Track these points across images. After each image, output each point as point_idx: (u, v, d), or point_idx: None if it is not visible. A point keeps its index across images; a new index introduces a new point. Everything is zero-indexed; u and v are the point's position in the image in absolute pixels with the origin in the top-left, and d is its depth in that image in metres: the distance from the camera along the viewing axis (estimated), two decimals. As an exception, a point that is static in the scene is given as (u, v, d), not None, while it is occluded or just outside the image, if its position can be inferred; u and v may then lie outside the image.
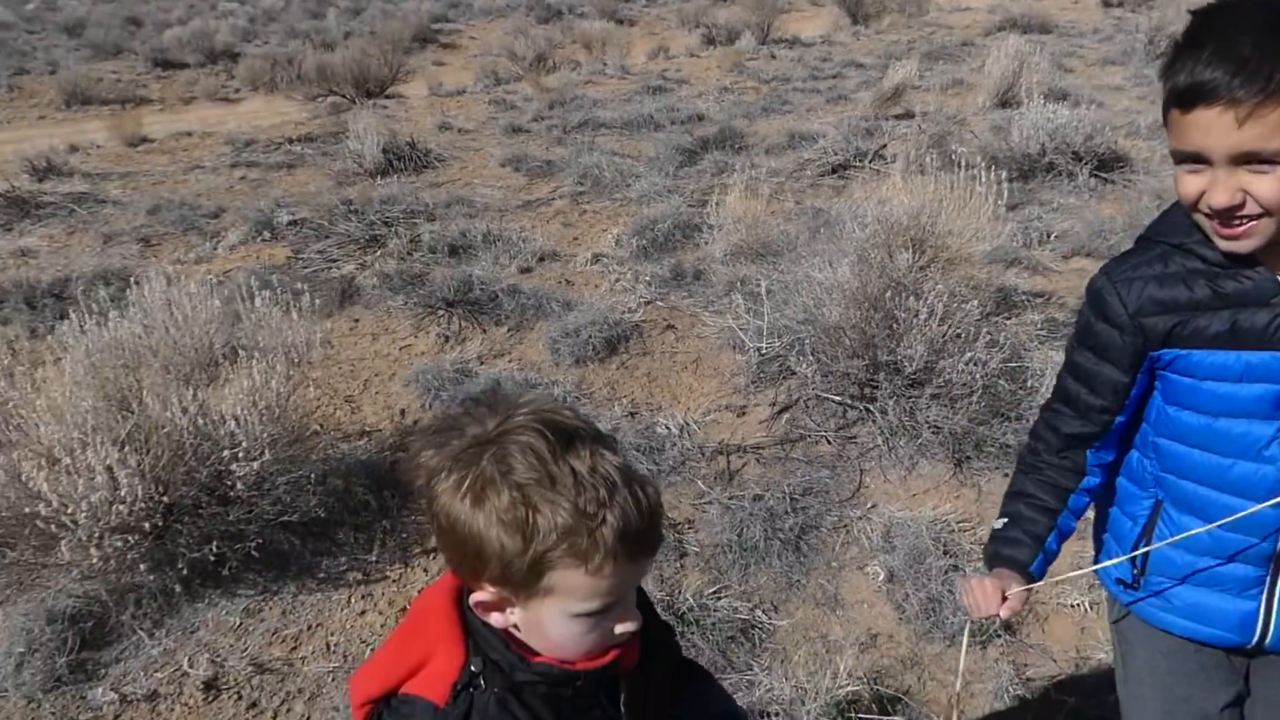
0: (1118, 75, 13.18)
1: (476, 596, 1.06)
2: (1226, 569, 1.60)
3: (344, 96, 14.55)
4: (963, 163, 4.99)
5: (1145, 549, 1.67)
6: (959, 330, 4.10)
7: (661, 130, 11.15)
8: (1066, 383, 1.72)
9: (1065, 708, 2.66)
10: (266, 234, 7.49)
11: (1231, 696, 1.72)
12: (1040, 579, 1.73)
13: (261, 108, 16.95)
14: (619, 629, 1.08)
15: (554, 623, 1.05)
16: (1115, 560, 1.74)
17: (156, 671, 2.97)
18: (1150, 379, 1.62)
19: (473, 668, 1.07)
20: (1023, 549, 1.72)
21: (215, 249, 7.35)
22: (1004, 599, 1.66)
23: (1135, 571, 1.71)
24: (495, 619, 1.08)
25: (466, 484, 1.00)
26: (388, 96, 15.15)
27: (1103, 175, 8.33)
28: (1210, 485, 1.58)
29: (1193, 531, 1.59)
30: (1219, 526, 1.56)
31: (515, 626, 1.09)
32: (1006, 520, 1.77)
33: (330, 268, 6.67)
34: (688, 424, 4.35)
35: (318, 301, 5.56)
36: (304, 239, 7.32)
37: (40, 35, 24.42)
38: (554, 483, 0.97)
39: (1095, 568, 1.78)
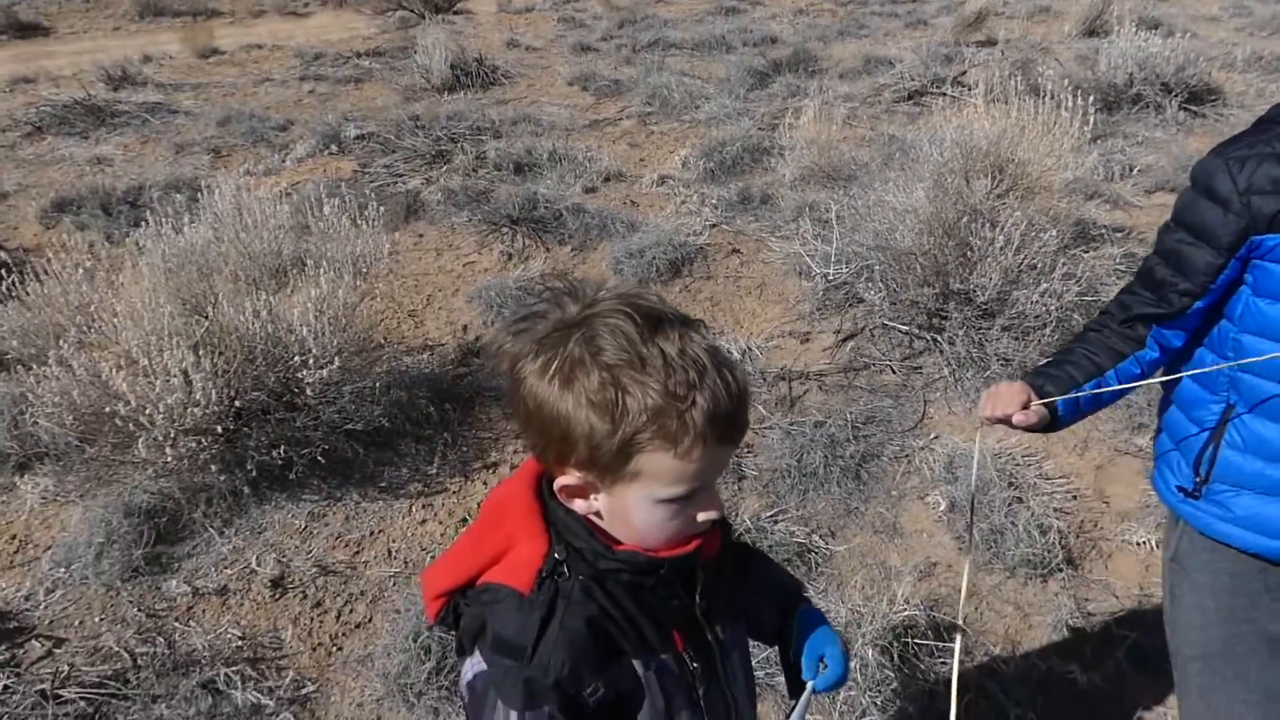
0: (1214, 5, 12.51)
1: (562, 481, 1.04)
2: None
3: (412, 11, 14.43)
4: (1047, 89, 4.78)
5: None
6: (1035, 261, 3.98)
7: (733, 52, 10.90)
8: (1152, 265, 1.67)
9: (1126, 642, 2.62)
10: (334, 148, 7.52)
11: None
12: (1063, 425, 1.72)
13: (330, 22, 16.90)
14: (701, 516, 1.06)
15: (638, 508, 1.03)
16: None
17: (226, 568, 3.07)
18: (1242, 268, 1.56)
19: (557, 555, 1.06)
20: (1056, 383, 1.70)
21: (283, 161, 7.41)
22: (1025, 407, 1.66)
23: (1198, 480, 1.67)
24: (579, 505, 1.06)
25: (554, 365, 0.97)
26: (456, 12, 15.00)
27: (1193, 109, 7.95)
28: None
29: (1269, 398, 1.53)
30: None
31: (598, 514, 1.07)
32: (1051, 360, 1.78)
33: (396, 182, 6.68)
34: (750, 349, 4.31)
35: (383, 213, 5.59)
36: (370, 153, 7.34)
37: (115, -54, 24.52)
38: (644, 364, 0.94)
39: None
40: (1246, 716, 1.70)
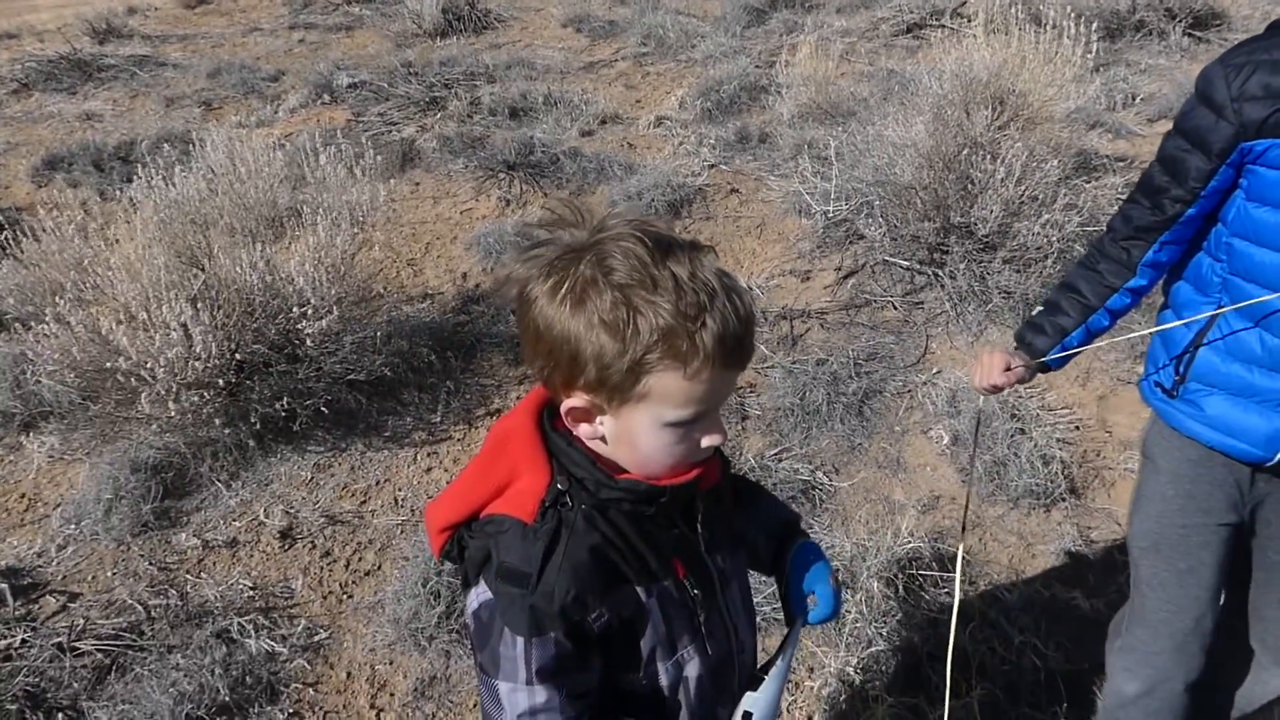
0: (1222, -77, 12.20)
1: (569, 403, 1.04)
2: (1267, 382, 1.59)
3: (400, -45, 14.12)
4: (1049, 17, 4.69)
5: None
6: (1036, 192, 3.94)
7: (728, -13, 10.70)
8: (1152, 171, 1.69)
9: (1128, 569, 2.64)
10: (326, 97, 7.42)
11: (1234, 519, 1.73)
12: (1054, 368, 1.86)
13: (318, -31, 16.58)
14: (706, 441, 1.06)
15: (645, 431, 1.03)
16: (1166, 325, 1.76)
17: (235, 520, 3.09)
18: (1236, 175, 1.57)
19: (559, 485, 1.07)
20: (1043, 338, 1.82)
21: (276, 112, 7.32)
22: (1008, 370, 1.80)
23: (1177, 378, 1.71)
24: (583, 430, 1.07)
25: (565, 286, 0.97)
26: (445, -45, 14.69)
27: (1197, 34, 7.81)
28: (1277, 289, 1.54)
29: (1254, 301, 1.58)
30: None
31: (602, 439, 1.08)
32: (1042, 308, 1.86)
33: (390, 130, 6.61)
34: (751, 288, 4.29)
35: (379, 162, 5.54)
36: (364, 102, 7.25)
37: (95, -104, 24.02)
38: (655, 285, 0.94)
39: (1131, 338, 1.74)
40: (1190, 611, 1.73)
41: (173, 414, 3.02)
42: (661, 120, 6.52)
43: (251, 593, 2.77)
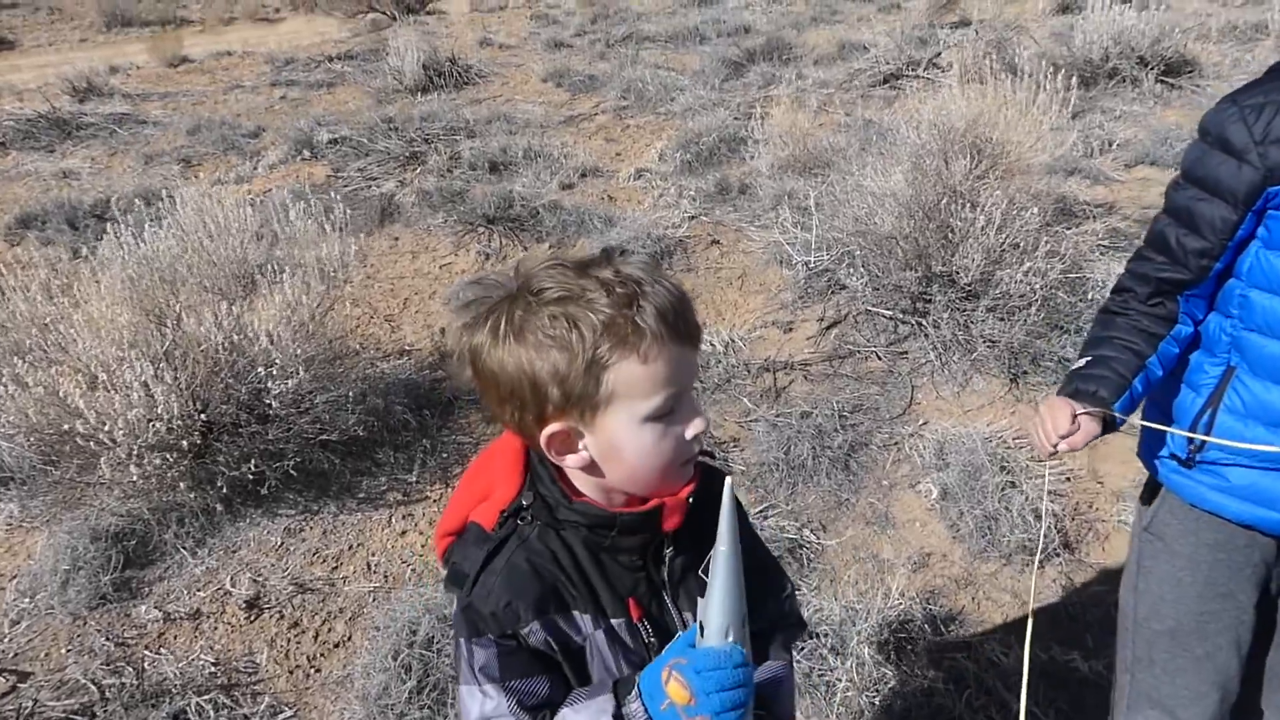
0: (1189, -25, 12.47)
1: (548, 431, 1.03)
2: None
3: (384, 13, 14.29)
4: (1025, 69, 4.70)
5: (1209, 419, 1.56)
6: (1017, 240, 3.90)
7: (707, 43, 10.83)
8: (1163, 227, 1.59)
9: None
10: (306, 153, 7.40)
11: (1257, 596, 1.62)
12: (1123, 421, 1.57)
13: (302, 27, 16.73)
14: (690, 430, 1.05)
15: (626, 436, 1.02)
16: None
17: (199, 590, 2.97)
18: (1257, 221, 1.48)
19: (523, 501, 1.11)
20: (1106, 384, 1.57)
21: (255, 168, 7.28)
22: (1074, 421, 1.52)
23: (1192, 448, 1.58)
24: (570, 460, 1.06)
25: (504, 325, 1.00)
26: (428, 12, 14.87)
27: (1169, 81, 7.91)
28: None
29: None
30: None
31: (593, 465, 1.06)
32: (1089, 359, 1.63)
33: (370, 186, 6.58)
34: (733, 340, 4.23)
35: (357, 217, 5.49)
36: (344, 157, 7.23)
37: (80, -42, 24.22)
38: (584, 290, 0.98)
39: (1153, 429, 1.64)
40: (1211, 697, 1.64)
41: (135, 478, 2.91)
42: (641, 173, 6.51)
43: (213, 669, 2.64)
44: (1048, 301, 3.86)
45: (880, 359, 4.00)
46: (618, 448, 1.03)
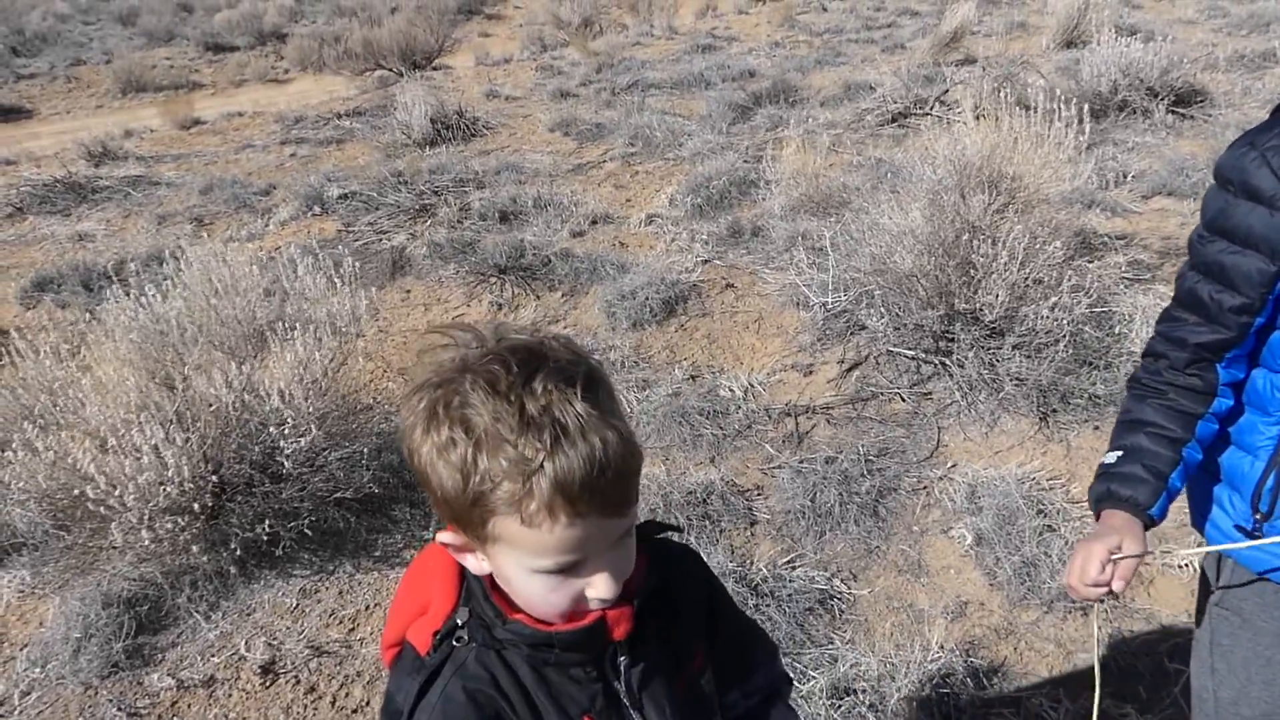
0: (1190, 8, 12.54)
1: (442, 538, 0.96)
2: None
3: (391, 70, 14.45)
4: (1037, 100, 4.67)
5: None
6: (1040, 275, 3.83)
7: (712, 88, 10.87)
8: (1193, 285, 1.46)
9: (1182, 678, 2.42)
10: (317, 209, 7.42)
11: None
12: (1160, 522, 1.46)
13: (311, 87, 16.94)
14: (590, 593, 0.94)
15: (515, 575, 0.93)
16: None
17: (213, 656, 2.88)
18: None
19: (458, 619, 1.00)
20: (1143, 487, 1.45)
21: (266, 225, 7.30)
22: (1110, 563, 1.39)
23: (1258, 517, 1.46)
24: (471, 564, 0.97)
25: (420, 411, 0.89)
26: (435, 68, 15.03)
27: (1180, 111, 7.88)
28: None
29: None
30: None
31: (491, 575, 0.98)
32: (1121, 453, 1.50)
33: (381, 239, 6.56)
34: (752, 385, 4.15)
35: (369, 271, 5.46)
36: (354, 212, 7.23)
37: (96, 25, 24.71)
38: (497, 419, 0.85)
39: (1216, 551, 1.53)
40: None
41: (147, 542, 2.84)
42: (652, 218, 6.49)
43: (227, 739, 2.55)
44: (1075, 337, 3.78)
45: (904, 400, 3.91)
46: (509, 580, 0.95)
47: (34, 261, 6.94)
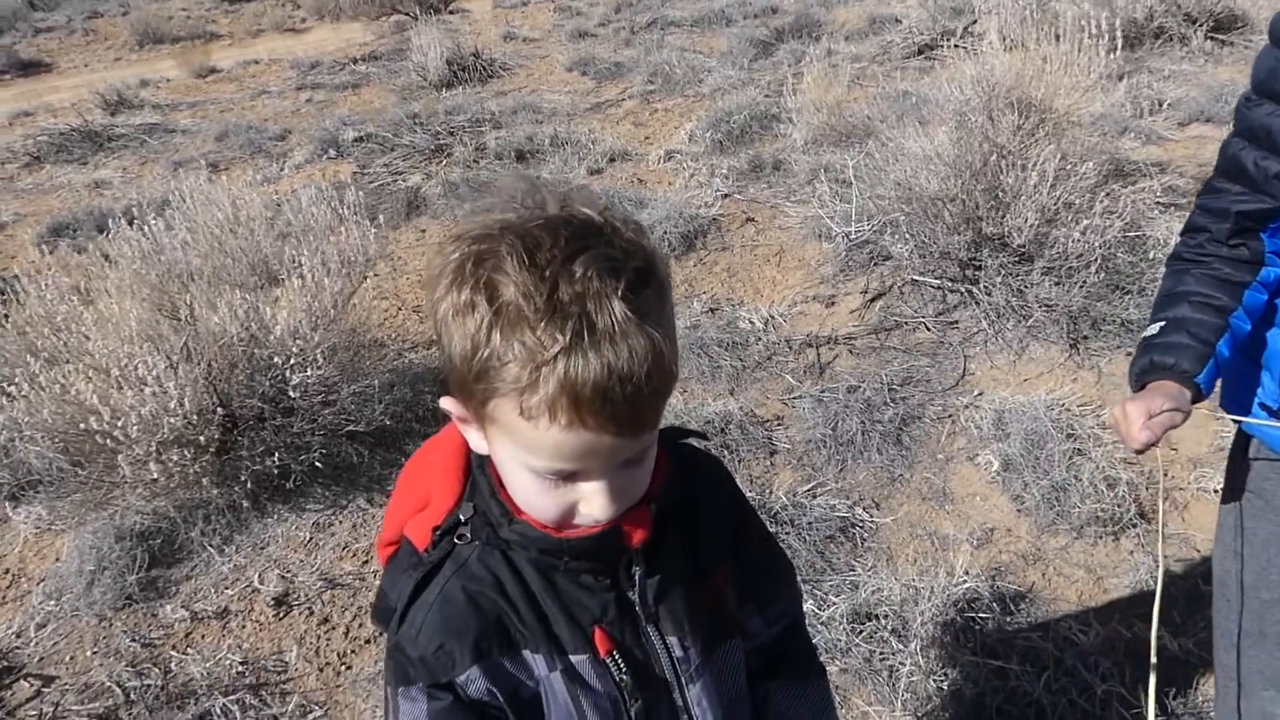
0: (1232, -68, 12.04)
1: (444, 402, 0.86)
2: None
3: (407, 14, 14.24)
4: (1065, 24, 4.45)
5: None
6: (1071, 198, 3.69)
7: (734, 25, 10.61)
8: (1237, 152, 1.37)
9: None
10: (332, 152, 7.32)
11: None
12: (1208, 394, 1.37)
13: (329, 35, 16.73)
14: (583, 509, 0.84)
15: (509, 466, 0.84)
16: None
17: (227, 588, 2.86)
18: None
19: (461, 515, 0.91)
20: (1187, 353, 1.35)
21: (281, 170, 7.23)
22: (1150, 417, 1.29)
23: None
24: (474, 440, 0.87)
25: (451, 262, 0.79)
26: (451, 11, 14.80)
27: (1219, 38, 7.58)
28: None
29: None
30: None
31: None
32: (1164, 323, 1.41)
33: (395, 180, 6.48)
34: (772, 317, 4.05)
35: (384, 211, 5.38)
36: (369, 154, 7.14)
37: (111, -22, 24.55)
38: (526, 295, 0.74)
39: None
40: None
41: (155, 475, 2.80)
42: (671, 154, 6.34)
43: (241, 668, 2.52)
44: (1107, 262, 3.64)
45: (929, 330, 3.80)
46: (504, 470, 0.86)
47: (51, 209, 6.92)
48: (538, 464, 0.80)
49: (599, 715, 0.93)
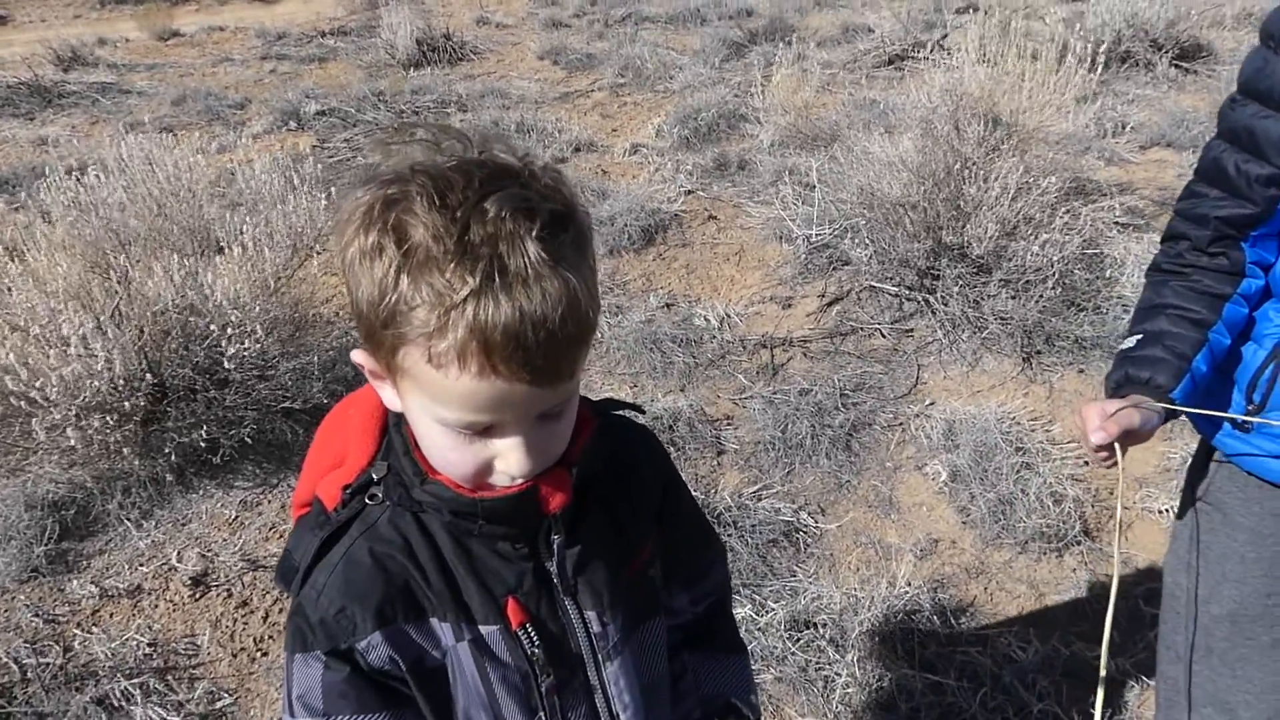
0: (1201, -34, 12.23)
1: (355, 355, 0.82)
2: None
3: (379, -9, 13.99)
4: (1039, 49, 4.43)
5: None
6: (1032, 212, 3.67)
7: (708, 24, 10.57)
8: (1218, 154, 1.32)
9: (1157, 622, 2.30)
10: (292, 124, 7.15)
11: None
12: (1180, 405, 1.30)
13: (299, 8, 16.40)
14: (499, 464, 0.79)
15: (419, 421, 0.78)
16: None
17: (142, 565, 2.72)
18: None
19: (374, 474, 0.86)
20: (1163, 367, 1.30)
21: (238, 138, 7.01)
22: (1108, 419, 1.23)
23: (1250, 407, 1.33)
24: (387, 396, 0.82)
25: (361, 204, 0.73)
26: (425, -8, 14.58)
27: (1183, 65, 7.67)
28: None
29: None
30: None
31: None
32: (1141, 337, 1.36)
33: (355, 156, 6.33)
34: (728, 316, 3.99)
35: (334, 191, 5.24)
36: (331, 128, 6.98)
37: (76, -65, 23.90)
38: (437, 238, 0.69)
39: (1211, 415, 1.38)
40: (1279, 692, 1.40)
41: (74, 443, 2.67)
42: (637, 148, 6.27)
43: (148, 650, 2.40)
44: (1064, 278, 3.62)
45: (884, 336, 3.76)
46: (415, 424, 0.80)
47: (-8, 163, 6.68)
48: (449, 416, 0.75)
49: (507, 689, 0.88)
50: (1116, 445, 1.24)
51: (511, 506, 0.82)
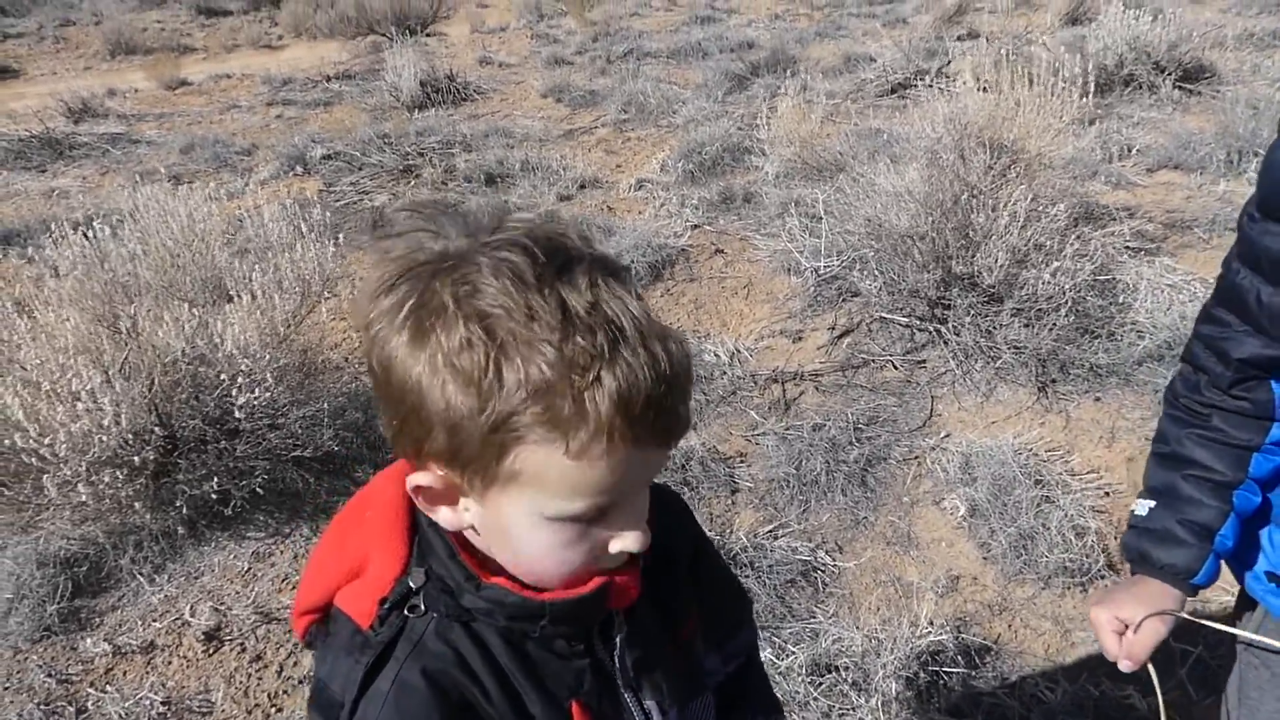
0: (1199, -12, 12.29)
1: (417, 479, 0.73)
2: None
3: (384, 35, 14.18)
4: (1041, 63, 4.44)
5: None
6: (1042, 239, 3.65)
7: (710, 58, 10.64)
8: (1238, 280, 1.16)
9: (1189, 659, 2.25)
10: (299, 168, 7.21)
11: None
12: (1206, 586, 1.19)
13: (304, 54, 16.61)
14: (615, 546, 0.74)
15: (521, 526, 0.71)
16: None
17: (155, 620, 2.70)
18: None
19: (411, 582, 0.78)
20: (1182, 551, 1.18)
21: (246, 184, 7.07)
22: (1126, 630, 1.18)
23: None
24: (444, 517, 0.75)
25: (408, 309, 0.66)
26: (429, 35, 14.76)
27: (1187, 87, 7.68)
28: None
29: None
30: None
31: (473, 528, 0.76)
32: (1155, 503, 1.23)
33: (362, 199, 6.37)
34: (739, 351, 3.97)
35: (348, 230, 5.25)
36: (337, 172, 7.03)
37: (86, -13, 24.29)
38: (532, 317, 0.63)
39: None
40: None
41: (85, 498, 2.65)
42: (642, 183, 6.29)
43: (162, 708, 2.37)
44: (1077, 305, 3.60)
45: (897, 368, 3.73)
46: (508, 534, 0.74)
47: (3, 216, 6.74)
48: (575, 507, 0.69)
49: None
50: (1149, 665, 1.16)
51: (582, 606, 0.77)
